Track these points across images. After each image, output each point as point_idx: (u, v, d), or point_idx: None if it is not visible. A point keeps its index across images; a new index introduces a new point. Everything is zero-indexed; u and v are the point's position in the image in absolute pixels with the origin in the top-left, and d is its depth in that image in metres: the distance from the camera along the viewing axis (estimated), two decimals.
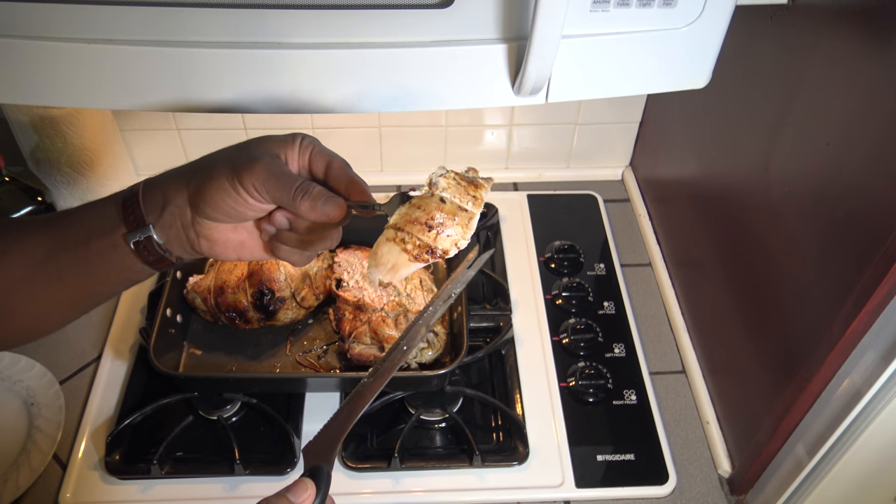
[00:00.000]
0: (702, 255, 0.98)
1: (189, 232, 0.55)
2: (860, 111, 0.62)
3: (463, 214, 0.55)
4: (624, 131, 1.21)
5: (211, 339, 0.96)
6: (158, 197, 0.55)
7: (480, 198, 0.57)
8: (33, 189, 0.93)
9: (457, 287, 0.70)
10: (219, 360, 0.94)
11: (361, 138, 1.18)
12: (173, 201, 0.55)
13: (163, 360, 0.86)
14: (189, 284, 0.96)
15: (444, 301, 0.69)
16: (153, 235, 0.55)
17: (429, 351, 0.91)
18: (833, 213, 0.66)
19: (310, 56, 0.57)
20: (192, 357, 0.94)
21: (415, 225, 0.54)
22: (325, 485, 0.56)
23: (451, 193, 0.55)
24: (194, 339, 0.96)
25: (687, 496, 0.85)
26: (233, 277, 0.93)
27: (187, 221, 0.55)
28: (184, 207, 0.55)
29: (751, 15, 0.76)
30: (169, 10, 0.54)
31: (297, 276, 0.94)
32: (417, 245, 0.55)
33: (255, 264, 0.93)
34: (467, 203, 0.56)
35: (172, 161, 1.19)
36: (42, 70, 0.57)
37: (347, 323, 0.92)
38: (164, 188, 0.56)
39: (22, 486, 0.82)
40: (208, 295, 0.94)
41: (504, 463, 0.85)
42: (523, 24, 0.56)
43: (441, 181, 0.56)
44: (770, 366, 0.77)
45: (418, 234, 0.54)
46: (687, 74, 0.62)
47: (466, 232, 0.55)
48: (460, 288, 0.70)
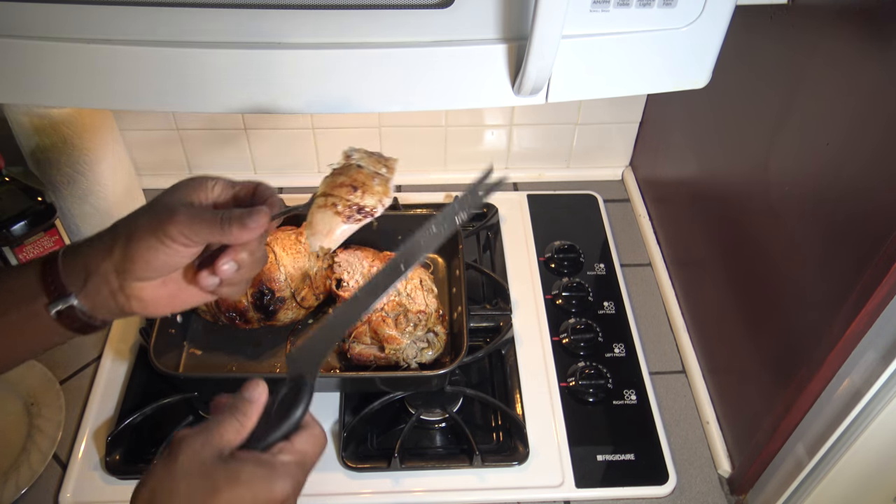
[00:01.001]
0: (702, 255, 0.98)
1: (118, 297, 0.55)
2: (860, 111, 0.63)
3: (380, 177, 0.61)
4: (624, 131, 1.21)
5: (211, 339, 0.96)
6: (80, 266, 0.55)
7: (391, 167, 0.63)
8: (33, 189, 0.93)
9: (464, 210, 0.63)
10: (219, 360, 0.94)
11: (361, 138, 1.18)
12: (97, 271, 0.55)
13: (163, 360, 0.86)
14: None
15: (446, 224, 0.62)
16: (76, 304, 0.55)
17: (429, 351, 0.91)
18: (833, 213, 0.66)
19: (309, 56, 0.57)
20: (193, 357, 0.94)
21: (341, 188, 0.60)
22: (307, 396, 0.55)
23: (366, 163, 0.62)
24: (194, 339, 0.96)
25: (687, 496, 0.85)
26: None
27: (115, 288, 0.55)
28: (109, 275, 0.55)
29: (751, 15, 0.76)
30: (168, 10, 0.54)
31: (297, 276, 0.94)
32: (347, 205, 0.60)
33: None
34: (381, 169, 0.62)
35: (172, 161, 1.19)
36: (42, 70, 0.57)
37: None
38: (85, 258, 0.55)
39: (22, 485, 0.82)
40: None
41: (504, 463, 0.86)
42: (523, 24, 0.56)
43: (354, 153, 0.63)
44: (770, 366, 0.77)
45: (346, 195, 0.59)
46: (687, 74, 0.62)
47: (388, 190, 0.61)
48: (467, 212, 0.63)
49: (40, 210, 0.92)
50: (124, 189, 1.09)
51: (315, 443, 0.55)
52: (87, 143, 1.00)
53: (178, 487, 0.50)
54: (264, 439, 0.54)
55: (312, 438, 0.55)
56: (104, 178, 1.04)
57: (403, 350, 0.89)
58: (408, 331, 0.90)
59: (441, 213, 0.63)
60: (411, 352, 0.90)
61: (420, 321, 0.90)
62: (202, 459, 0.51)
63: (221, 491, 0.50)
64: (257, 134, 1.17)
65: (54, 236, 0.95)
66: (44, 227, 0.94)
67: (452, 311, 0.96)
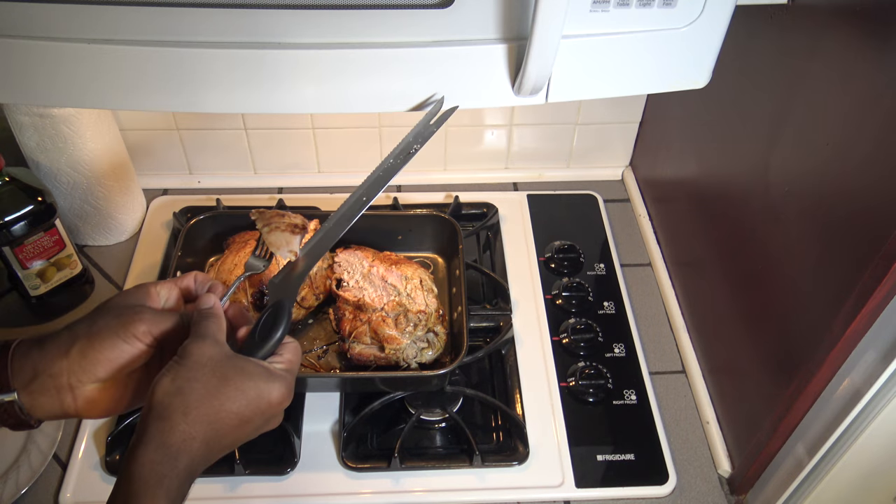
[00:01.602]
0: (702, 255, 0.98)
1: (65, 398, 0.59)
2: (860, 111, 0.63)
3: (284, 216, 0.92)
4: (624, 131, 1.21)
5: None
6: (29, 366, 0.59)
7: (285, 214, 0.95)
8: (33, 189, 0.93)
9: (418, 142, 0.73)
10: None
11: (361, 138, 1.18)
12: (47, 371, 0.58)
13: None
14: None
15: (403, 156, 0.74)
16: (16, 401, 0.58)
17: (429, 351, 0.91)
18: (833, 212, 0.66)
19: (310, 56, 0.57)
20: None
21: (273, 220, 0.86)
22: (287, 317, 0.63)
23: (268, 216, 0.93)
24: None
25: (687, 496, 0.85)
26: (232, 278, 0.93)
27: (64, 388, 0.59)
28: (61, 376, 0.59)
29: (751, 15, 0.76)
30: (169, 10, 0.54)
31: None
32: (287, 225, 0.83)
33: None
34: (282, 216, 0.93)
35: (172, 161, 1.19)
36: (42, 70, 0.57)
37: (347, 323, 0.92)
38: (36, 358, 0.59)
39: (22, 485, 0.82)
40: None
41: (504, 463, 0.86)
42: (523, 24, 0.56)
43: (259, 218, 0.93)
44: (770, 366, 0.77)
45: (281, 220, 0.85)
46: (687, 74, 0.62)
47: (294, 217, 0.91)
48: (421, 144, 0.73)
49: (40, 210, 0.92)
50: (124, 189, 1.09)
51: (296, 352, 0.64)
52: (87, 143, 1.00)
53: (196, 375, 0.57)
54: (252, 356, 0.61)
55: (294, 349, 0.64)
56: (104, 178, 1.04)
57: (403, 350, 0.89)
58: (408, 331, 0.90)
59: (398, 147, 0.73)
60: (411, 352, 0.89)
61: (420, 321, 0.90)
62: (212, 355, 0.58)
63: (232, 380, 0.57)
64: (257, 134, 1.17)
65: (54, 236, 0.95)
66: (44, 227, 0.94)
67: (452, 311, 0.96)
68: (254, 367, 0.60)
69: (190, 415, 0.56)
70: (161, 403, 0.56)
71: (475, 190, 1.20)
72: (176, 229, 1.10)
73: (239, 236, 1.01)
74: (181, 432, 0.55)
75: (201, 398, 0.56)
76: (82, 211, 1.06)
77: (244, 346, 0.62)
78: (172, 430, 0.55)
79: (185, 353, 0.59)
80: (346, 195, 0.69)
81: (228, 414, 0.57)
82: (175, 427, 0.55)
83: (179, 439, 0.55)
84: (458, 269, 0.97)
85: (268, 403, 0.59)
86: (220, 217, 1.05)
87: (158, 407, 0.56)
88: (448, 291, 1.01)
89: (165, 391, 0.56)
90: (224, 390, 0.57)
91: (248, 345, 0.62)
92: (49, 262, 0.97)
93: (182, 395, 0.56)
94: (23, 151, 0.99)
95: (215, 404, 0.57)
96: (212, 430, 0.56)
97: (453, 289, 0.99)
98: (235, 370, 0.58)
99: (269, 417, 0.60)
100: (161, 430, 0.55)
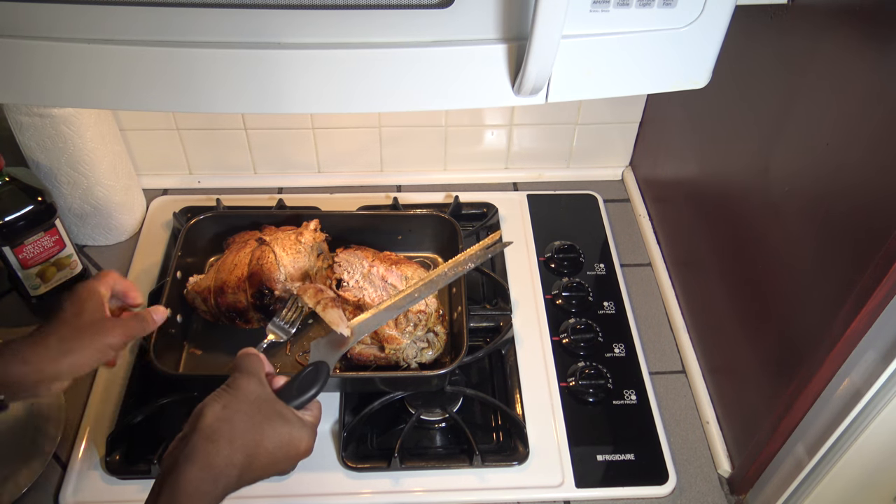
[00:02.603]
0: (702, 255, 0.98)
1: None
2: (860, 111, 0.63)
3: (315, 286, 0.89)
4: (624, 131, 1.21)
5: (211, 339, 0.96)
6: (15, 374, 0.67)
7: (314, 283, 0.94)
8: (33, 189, 0.93)
9: (471, 262, 0.88)
10: (219, 359, 0.94)
11: (361, 138, 1.18)
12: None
13: (163, 360, 0.86)
14: (189, 284, 0.96)
15: (456, 270, 0.87)
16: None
17: (429, 351, 0.91)
18: (833, 212, 0.66)
19: (310, 56, 0.57)
20: (193, 357, 0.94)
21: (317, 296, 0.84)
22: (325, 377, 0.70)
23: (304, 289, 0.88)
24: (195, 338, 0.96)
25: (687, 496, 0.85)
26: (233, 278, 0.93)
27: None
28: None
29: (751, 15, 0.76)
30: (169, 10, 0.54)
31: (297, 276, 0.94)
32: (331, 300, 0.83)
33: (255, 264, 0.93)
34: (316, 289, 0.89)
35: (172, 161, 1.19)
36: (42, 70, 0.57)
37: None
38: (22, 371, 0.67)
39: (22, 485, 0.82)
40: (208, 295, 0.93)
41: (504, 463, 0.86)
42: (523, 24, 0.56)
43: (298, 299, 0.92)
44: (770, 366, 0.77)
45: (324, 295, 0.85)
46: (687, 74, 0.62)
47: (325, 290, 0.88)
48: (474, 264, 0.89)
49: (40, 210, 0.92)
50: (124, 189, 1.09)
51: (321, 410, 0.70)
52: (87, 143, 1.00)
53: (244, 408, 0.63)
54: (288, 404, 0.66)
55: (320, 407, 0.70)
56: (104, 178, 1.04)
57: (403, 350, 0.89)
58: (408, 331, 0.90)
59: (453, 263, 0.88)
60: (411, 352, 0.89)
61: (420, 321, 0.90)
62: (259, 394, 0.65)
63: (273, 421, 0.63)
64: (257, 134, 1.17)
65: (54, 236, 0.96)
66: (44, 227, 0.94)
67: (452, 311, 0.96)
68: (291, 414, 0.65)
69: (235, 443, 0.60)
70: (211, 427, 0.60)
71: (475, 190, 1.20)
72: (176, 229, 1.10)
73: (239, 236, 1.01)
74: (225, 457, 0.59)
75: (246, 430, 0.61)
76: (82, 211, 1.06)
77: (280, 394, 0.67)
78: (218, 454, 0.59)
79: (236, 385, 0.64)
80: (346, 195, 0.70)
81: (264, 450, 0.62)
82: (220, 451, 0.59)
83: (223, 463, 0.59)
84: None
85: (296, 451, 0.64)
86: (220, 217, 1.05)
87: (208, 430, 0.60)
88: (448, 291, 1.01)
89: (217, 416, 0.61)
90: (265, 429, 0.62)
91: (286, 394, 0.67)
92: (49, 262, 0.97)
93: (230, 423, 0.61)
94: (23, 151, 1.00)
95: (256, 438, 0.62)
96: (248, 461, 0.61)
97: (453, 289, 0.99)
98: (276, 413, 0.64)
99: (292, 463, 0.65)
100: (208, 452, 0.59)
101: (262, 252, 0.94)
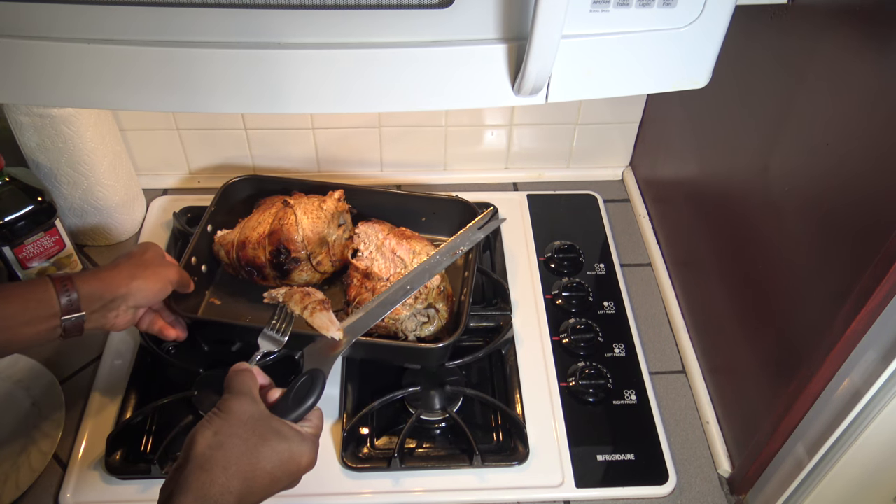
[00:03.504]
0: (702, 255, 0.98)
1: (109, 314, 0.76)
2: (860, 111, 0.63)
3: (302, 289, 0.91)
4: (624, 131, 1.21)
5: (232, 292, 1.00)
6: (96, 293, 0.73)
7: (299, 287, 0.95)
8: (33, 189, 0.93)
9: (465, 244, 0.90)
10: (236, 310, 0.98)
11: (361, 138, 1.18)
12: (108, 296, 0.75)
13: (182, 305, 0.89)
14: (217, 237, 1.01)
15: (449, 255, 0.89)
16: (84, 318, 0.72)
17: (429, 326, 0.91)
18: (833, 212, 0.66)
19: (310, 56, 0.57)
20: (212, 306, 0.99)
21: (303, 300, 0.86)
22: (321, 386, 0.68)
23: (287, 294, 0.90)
24: (216, 289, 1.01)
25: (687, 496, 0.85)
26: (255, 234, 0.97)
27: (114, 307, 0.76)
28: (116, 301, 0.75)
29: (751, 15, 0.76)
30: (169, 10, 0.54)
31: (314, 239, 0.97)
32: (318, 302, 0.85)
33: (276, 223, 0.96)
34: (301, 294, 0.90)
35: (172, 161, 1.19)
36: (42, 70, 0.57)
37: (354, 289, 0.94)
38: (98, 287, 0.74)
39: (22, 486, 0.82)
40: (231, 248, 0.98)
41: (504, 463, 0.86)
42: (523, 24, 0.56)
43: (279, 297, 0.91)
44: (770, 366, 0.77)
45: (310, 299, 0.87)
46: (687, 74, 0.62)
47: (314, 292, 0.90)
48: (468, 246, 0.90)
49: (40, 210, 0.92)
50: (124, 189, 1.09)
51: (322, 418, 0.69)
52: (87, 143, 1.00)
53: (237, 432, 0.61)
54: (285, 418, 0.65)
55: (320, 415, 0.69)
56: (104, 178, 1.04)
57: (402, 321, 0.90)
58: (408, 302, 0.90)
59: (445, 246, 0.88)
60: (410, 324, 0.90)
61: (421, 294, 0.91)
62: (252, 413, 0.63)
63: (269, 441, 0.62)
64: (257, 134, 1.17)
65: (54, 236, 0.96)
66: (44, 227, 0.94)
67: (461, 294, 0.97)
68: (288, 429, 0.64)
69: (230, 469, 0.58)
70: (203, 455, 0.59)
71: (475, 190, 1.20)
72: (176, 229, 1.10)
73: (269, 199, 1.05)
74: (220, 485, 0.57)
75: (241, 455, 0.59)
76: (82, 211, 1.06)
77: (276, 408, 0.66)
78: (213, 483, 0.57)
79: (227, 408, 0.63)
80: None
81: (263, 472, 0.60)
82: (215, 480, 0.57)
83: (218, 492, 0.57)
84: (472, 253, 0.98)
85: (297, 466, 0.63)
86: (256, 180, 1.09)
87: (200, 458, 0.58)
88: (462, 275, 1.01)
89: (208, 444, 0.59)
90: (262, 450, 0.61)
91: (281, 407, 0.66)
92: (49, 262, 0.97)
93: (223, 450, 0.59)
94: (23, 151, 1.00)
95: (252, 461, 0.60)
96: (246, 486, 0.59)
97: (465, 273, 1.00)
98: (272, 431, 0.62)
99: (294, 479, 0.64)
100: (202, 482, 0.57)
101: (285, 213, 0.97)
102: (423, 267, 0.88)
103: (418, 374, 0.92)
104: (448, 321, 0.93)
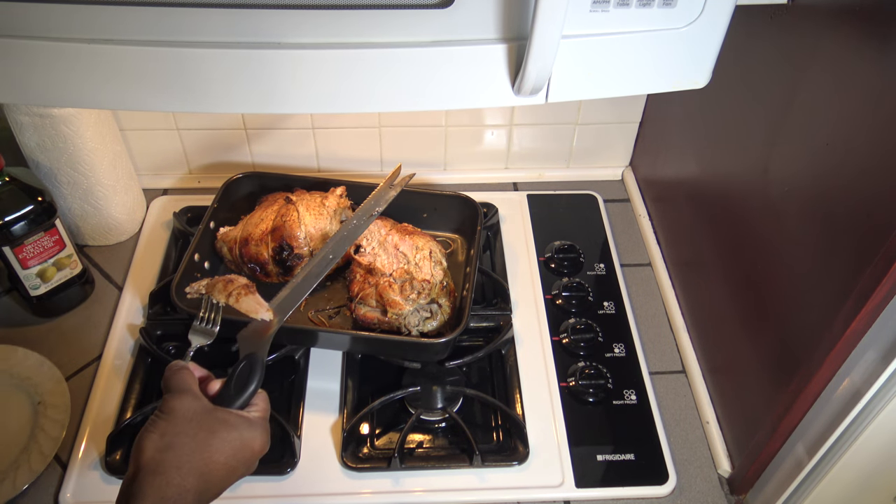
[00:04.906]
0: (702, 255, 0.98)
1: None
2: (860, 111, 0.63)
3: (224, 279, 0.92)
4: (624, 131, 1.21)
5: None
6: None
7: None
8: (33, 189, 0.93)
9: (379, 204, 0.92)
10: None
11: (361, 138, 1.18)
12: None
13: (183, 300, 0.89)
14: (219, 234, 1.01)
15: (366, 217, 0.91)
16: None
17: (432, 321, 0.92)
18: (833, 212, 0.66)
19: (309, 56, 0.57)
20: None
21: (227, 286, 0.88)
22: (261, 370, 0.69)
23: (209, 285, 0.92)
24: None
25: (687, 496, 0.85)
26: (258, 231, 0.97)
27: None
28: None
29: (751, 15, 0.76)
30: (168, 10, 0.54)
31: (316, 236, 0.97)
32: (243, 287, 0.87)
33: (279, 220, 0.97)
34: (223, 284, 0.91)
35: (172, 161, 1.19)
36: (42, 70, 0.57)
37: (357, 284, 0.95)
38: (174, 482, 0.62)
39: (20, 485, 0.82)
40: (234, 245, 0.99)
41: (504, 463, 0.86)
42: (523, 24, 0.56)
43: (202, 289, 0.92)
44: (770, 366, 0.77)
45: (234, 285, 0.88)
46: (687, 74, 0.62)
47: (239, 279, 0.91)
48: (382, 206, 0.93)
49: (40, 210, 0.92)
50: (124, 189, 1.09)
51: (267, 400, 0.69)
52: (87, 143, 1.00)
53: (184, 429, 0.60)
54: (229, 407, 0.65)
55: (265, 398, 0.69)
56: (104, 178, 1.04)
57: (405, 316, 0.90)
58: (411, 298, 0.91)
59: (360, 209, 0.90)
60: (413, 319, 0.91)
61: (424, 289, 0.91)
62: (196, 409, 0.63)
63: (218, 433, 0.61)
64: (257, 134, 1.17)
65: (54, 236, 0.95)
66: (44, 227, 0.94)
67: (463, 289, 0.97)
68: (235, 418, 0.64)
69: (183, 469, 0.58)
70: (154, 460, 0.58)
71: (475, 190, 1.20)
72: (176, 229, 1.10)
73: (272, 196, 1.05)
74: (176, 486, 0.57)
75: (192, 451, 0.59)
76: (82, 211, 1.06)
77: (220, 398, 0.66)
78: (168, 485, 0.57)
79: (169, 409, 0.62)
80: None
81: (217, 465, 0.60)
82: (171, 482, 0.57)
83: (175, 493, 0.57)
84: (474, 248, 0.98)
85: (251, 452, 0.63)
86: (258, 177, 1.09)
87: (151, 463, 0.58)
88: (464, 271, 1.01)
89: (156, 447, 0.59)
90: (212, 442, 0.61)
91: (224, 397, 0.66)
92: (49, 262, 0.97)
93: (173, 450, 0.59)
94: (23, 151, 1.00)
95: (205, 456, 0.60)
96: (203, 481, 0.59)
97: (467, 268, 1.00)
98: (219, 422, 0.62)
99: (250, 465, 0.64)
100: (157, 486, 0.57)
101: (288, 210, 0.98)
102: (341, 234, 0.88)
103: (418, 373, 0.92)
104: (450, 316, 0.94)
